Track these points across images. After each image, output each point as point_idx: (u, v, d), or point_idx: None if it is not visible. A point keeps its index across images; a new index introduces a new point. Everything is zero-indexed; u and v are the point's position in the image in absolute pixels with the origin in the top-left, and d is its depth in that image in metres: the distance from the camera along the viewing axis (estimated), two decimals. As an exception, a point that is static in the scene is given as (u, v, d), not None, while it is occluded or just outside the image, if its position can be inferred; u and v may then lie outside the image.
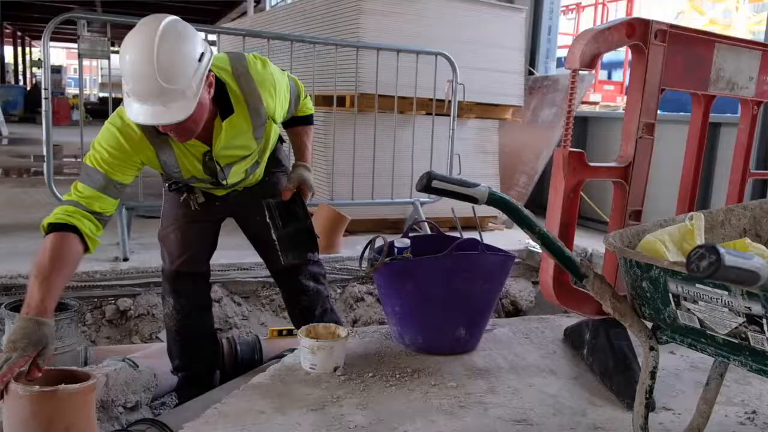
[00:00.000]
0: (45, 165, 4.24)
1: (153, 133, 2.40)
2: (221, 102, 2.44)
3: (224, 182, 2.70)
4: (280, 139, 3.01)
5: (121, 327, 3.87)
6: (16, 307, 2.79)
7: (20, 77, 27.90)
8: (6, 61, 25.11)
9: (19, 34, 27.18)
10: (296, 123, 3.00)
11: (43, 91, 4.26)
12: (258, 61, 2.61)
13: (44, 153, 4.24)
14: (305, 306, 3.11)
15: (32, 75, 29.73)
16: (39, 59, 22.68)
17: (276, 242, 2.79)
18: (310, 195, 2.92)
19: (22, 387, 1.91)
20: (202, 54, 2.26)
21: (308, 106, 3.04)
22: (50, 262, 2.17)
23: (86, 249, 2.33)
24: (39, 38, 26.67)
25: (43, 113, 4.21)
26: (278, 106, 2.66)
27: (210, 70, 2.31)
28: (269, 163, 2.94)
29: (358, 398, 2.39)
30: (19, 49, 28.24)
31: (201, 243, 3.00)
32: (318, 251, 3.07)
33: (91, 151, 2.42)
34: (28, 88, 23.08)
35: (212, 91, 2.36)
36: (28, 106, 19.93)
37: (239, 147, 2.62)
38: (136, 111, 2.19)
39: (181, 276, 2.97)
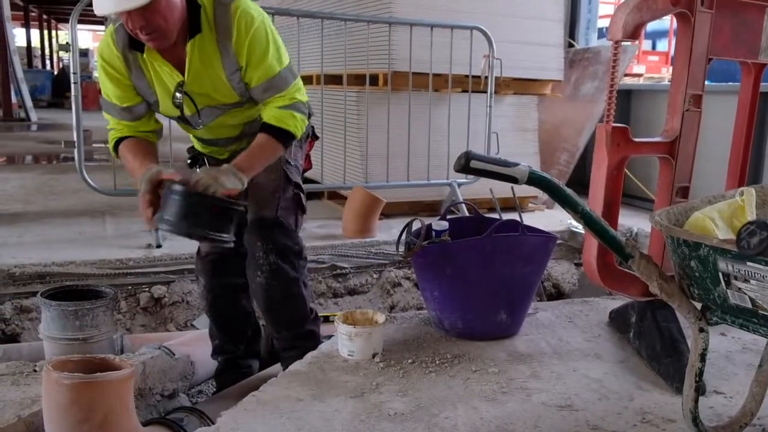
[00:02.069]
0: (76, 151, 4.31)
1: (129, 56, 2.49)
2: (192, 24, 2.45)
3: (199, 127, 2.70)
4: None
5: (156, 315, 3.93)
6: (51, 295, 2.85)
7: (47, 61, 28.28)
8: (32, 45, 25.46)
9: (44, 17, 27.50)
10: (262, 129, 2.60)
11: (72, 76, 4.30)
12: (251, 8, 2.52)
13: (75, 139, 4.30)
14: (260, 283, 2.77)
15: (59, 59, 30.10)
16: (66, 43, 22.95)
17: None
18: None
19: (62, 375, 1.96)
20: None
21: (288, 119, 2.59)
22: (129, 153, 2.58)
23: None
24: (65, 21, 26.88)
25: (73, 98, 4.26)
26: (251, 61, 2.51)
27: None
28: None
29: (397, 385, 2.42)
30: (45, 32, 28.59)
31: None
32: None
33: None
34: (55, 73, 23.40)
35: None
36: (55, 91, 20.21)
37: (213, 87, 2.57)
38: (101, 2, 2.26)
39: (210, 255, 2.99)
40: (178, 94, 2.57)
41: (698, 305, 1.86)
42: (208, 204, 2.34)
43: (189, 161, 2.94)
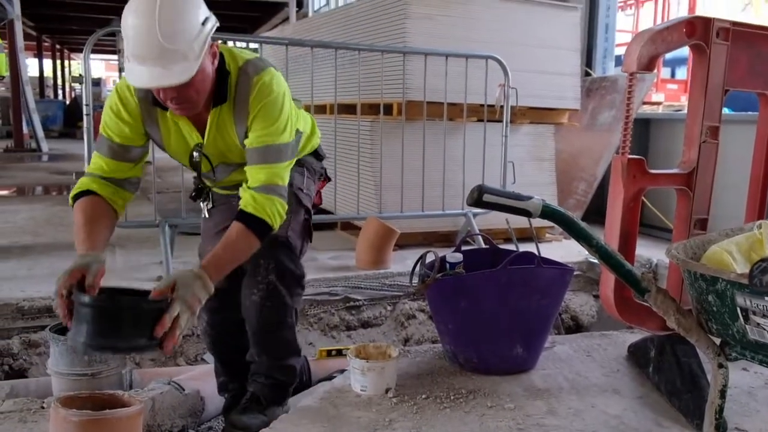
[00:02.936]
0: (87, 183, 4.35)
1: (147, 106, 2.49)
2: (218, 90, 2.47)
3: (208, 180, 2.74)
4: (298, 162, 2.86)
5: (166, 348, 3.93)
6: (60, 330, 2.86)
7: (59, 91, 28.63)
8: (45, 75, 25.81)
9: (57, 47, 27.92)
10: (238, 216, 2.44)
11: (84, 108, 4.37)
12: (273, 81, 2.51)
13: (86, 170, 4.34)
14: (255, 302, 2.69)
15: (71, 89, 30.48)
16: (80, 75, 23.28)
17: None
18: (180, 327, 2.23)
19: (70, 412, 1.98)
20: (206, 19, 2.31)
21: (267, 206, 2.43)
22: (82, 217, 2.42)
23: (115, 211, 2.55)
24: (78, 51, 27.28)
25: (85, 130, 4.32)
26: (255, 123, 2.50)
27: (213, 40, 2.35)
28: None
29: (410, 421, 2.42)
30: (58, 62, 29.00)
31: None
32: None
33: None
34: (67, 102, 23.66)
35: (216, 63, 2.40)
36: (67, 121, 20.41)
37: (228, 149, 2.60)
38: (136, 74, 2.24)
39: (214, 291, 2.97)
40: (195, 153, 2.60)
41: (717, 340, 1.86)
42: (113, 314, 2.08)
43: (193, 194, 2.96)
